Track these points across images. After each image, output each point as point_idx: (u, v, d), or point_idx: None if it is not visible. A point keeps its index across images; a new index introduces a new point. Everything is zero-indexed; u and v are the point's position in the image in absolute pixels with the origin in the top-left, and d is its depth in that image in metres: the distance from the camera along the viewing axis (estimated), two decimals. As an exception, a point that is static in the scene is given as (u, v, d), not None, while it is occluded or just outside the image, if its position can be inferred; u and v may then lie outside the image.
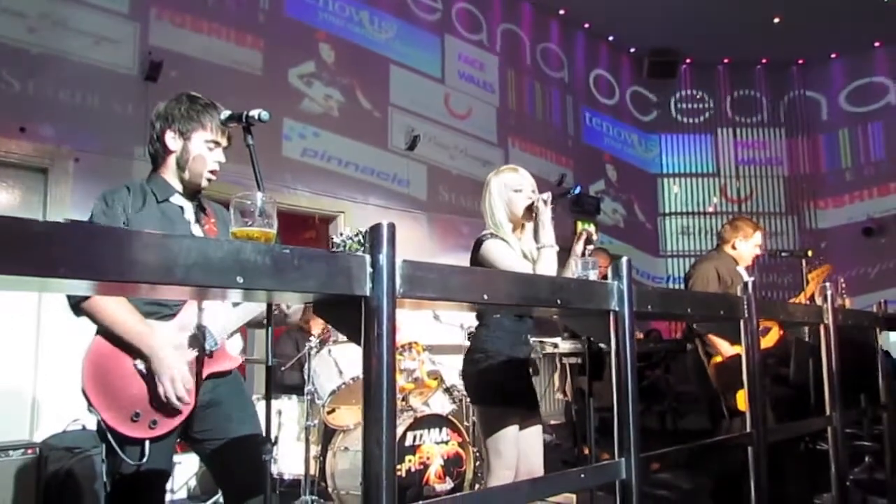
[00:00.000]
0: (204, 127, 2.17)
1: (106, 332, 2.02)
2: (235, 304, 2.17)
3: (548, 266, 2.60)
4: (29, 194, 4.64)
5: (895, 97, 9.85)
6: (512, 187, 2.75)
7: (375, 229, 1.15)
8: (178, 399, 2.00)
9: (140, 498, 2.04)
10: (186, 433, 2.14)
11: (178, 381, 1.99)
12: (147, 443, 1.98)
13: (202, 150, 2.18)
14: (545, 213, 2.64)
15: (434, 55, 7.48)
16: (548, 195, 2.69)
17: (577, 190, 2.70)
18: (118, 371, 2.00)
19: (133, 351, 2.00)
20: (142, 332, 1.99)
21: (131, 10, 5.14)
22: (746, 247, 4.02)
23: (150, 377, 2.00)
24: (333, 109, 6.40)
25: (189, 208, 2.22)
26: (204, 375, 2.10)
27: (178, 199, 2.20)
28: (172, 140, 2.17)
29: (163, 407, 2.01)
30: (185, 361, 2.04)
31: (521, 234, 2.78)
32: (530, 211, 2.69)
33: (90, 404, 1.98)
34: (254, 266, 1.02)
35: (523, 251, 2.75)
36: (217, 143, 2.20)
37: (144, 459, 1.97)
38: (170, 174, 2.21)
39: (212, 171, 2.21)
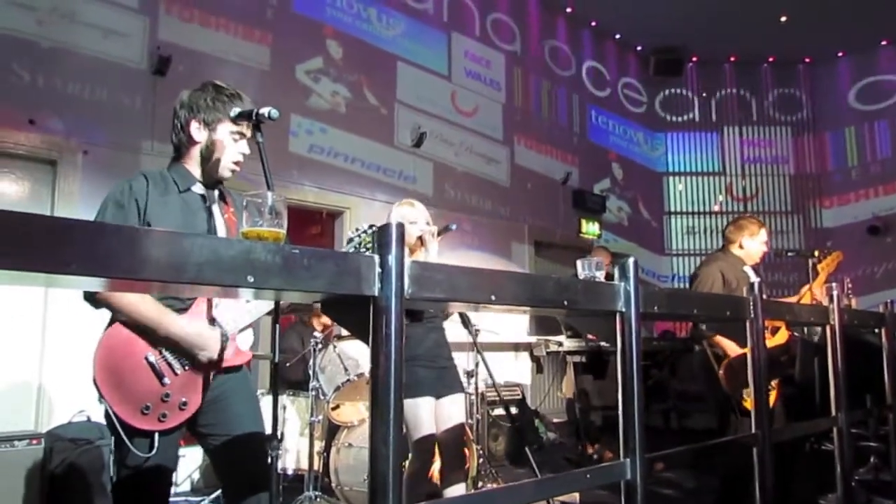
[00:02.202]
0: (230, 118, 2.16)
1: (123, 319, 2.03)
2: (248, 300, 2.18)
3: None
4: (37, 186, 4.66)
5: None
6: (407, 219, 3.15)
7: (384, 230, 1.15)
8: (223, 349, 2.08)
9: (146, 490, 2.05)
10: (192, 426, 2.15)
11: (213, 347, 2.04)
12: (157, 435, 2.00)
13: (227, 140, 2.18)
14: (431, 244, 3.08)
15: (441, 52, 7.47)
16: (435, 229, 3.14)
17: (454, 227, 3.22)
18: (129, 364, 2.02)
19: (151, 336, 2.02)
20: (161, 315, 2.02)
21: (140, 4, 5.14)
22: (754, 244, 4.00)
23: (160, 371, 2.02)
24: (340, 105, 6.40)
25: (210, 197, 2.22)
26: (212, 372, 2.12)
27: (199, 189, 2.20)
28: (197, 130, 2.18)
29: (171, 401, 2.02)
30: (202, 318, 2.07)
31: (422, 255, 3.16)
32: (422, 240, 3.09)
33: (101, 395, 2.00)
34: (264, 265, 1.03)
35: None
36: (242, 135, 2.19)
37: (154, 452, 1.98)
38: (192, 164, 2.21)
39: (236, 163, 2.21)
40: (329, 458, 4.15)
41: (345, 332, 4.20)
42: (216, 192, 2.25)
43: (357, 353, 4.11)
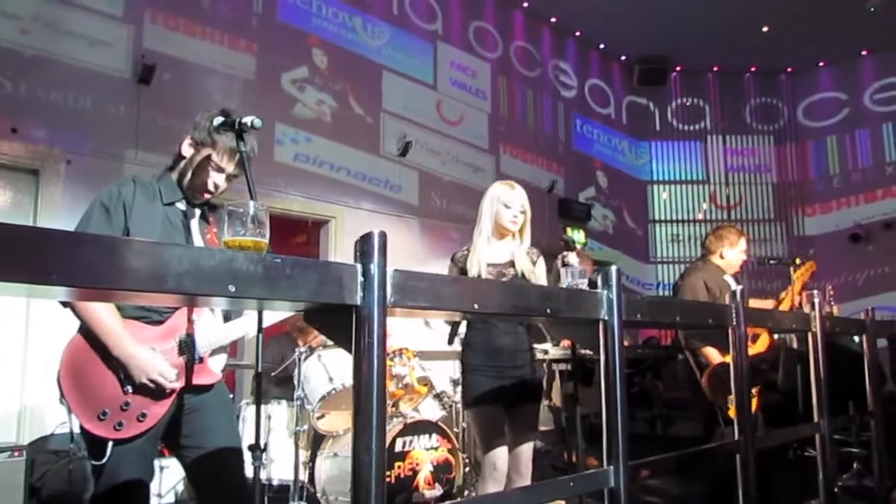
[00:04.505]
0: (215, 147, 2.14)
1: (86, 331, 2.03)
2: (227, 320, 2.16)
3: None
4: (20, 195, 4.62)
5: (885, 105, 9.94)
6: (503, 201, 3.04)
7: (366, 239, 1.15)
8: (169, 383, 2.03)
9: (120, 501, 2.04)
10: (168, 439, 2.14)
11: (163, 373, 2.00)
12: (110, 444, 1.97)
13: (204, 167, 2.16)
14: (525, 235, 3.08)
15: (426, 62, 7.49)
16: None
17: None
18: (94, 367, 2.01)
19: (108, 355, 2.00)
20: (119, 336, 1.99)
21: (125, 13, 5.13)
22: (734, 254, 4.05)
23: (124, 379, 2.01)
24: (326, 114, 6.40)
25: (193, 215, 2.22)
26: (180, 386, 2.10)
27: (182, 205, 2.20)
28: (187, 147, 2.19)
29: (130, 410, 2.01)
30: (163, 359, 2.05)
31: (516, 239, 3.08)
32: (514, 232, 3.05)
33: (62, 395, 2.00)
34: (246, 275, 1.03)
35: (492, 262, 3.00)
36: (221, 169, 2.17)
37: (104, 460, 1.97)
38: (177, 177, 2.22)
39: (207, 191, 2.19)
40: (314, 467, 4.13)
41: (330, 342, 4.18)
42: (198, 211, 2.24)
43: (343, 362, 4.10)
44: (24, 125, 4.56)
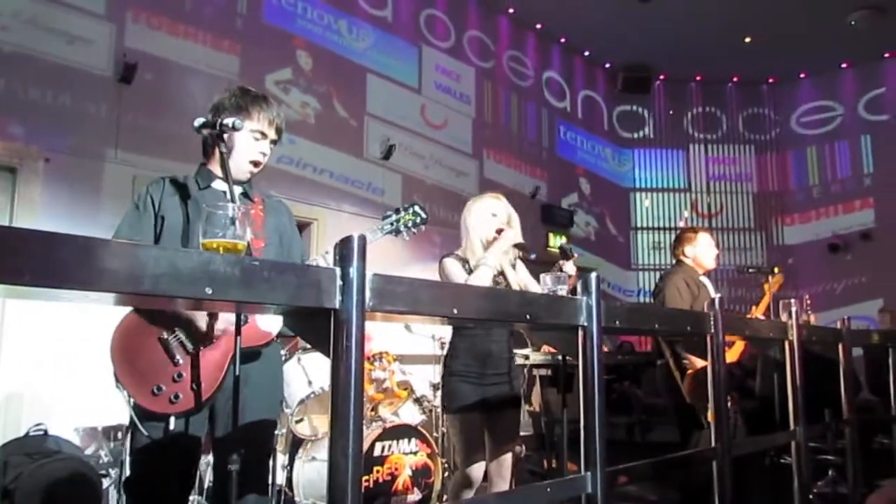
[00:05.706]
0: (251, 117, 2.19)
1: (137, 311, 2.05)
2: None
3: (475, 280, 2.88)
4: (-4, 194, 4.56)
5: (863, 117, 10.08)
6: (489, 211, 3.04)
7: (346, 242, 1.15)
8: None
9: (159, 484, 2.02)
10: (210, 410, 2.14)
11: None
12: (172, 418, 1.99)
13: (248, 140, 2.20)
14: (502, 239, 2.95)
15: (411, 65, 7.50)
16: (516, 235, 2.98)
17: (533, 256, 3.08)
18: (143, 342, 2.03)
19: (155, 325, 2.02)
20: None
21: (107, 10, 5.08)
22: (701, 248, 4.11)
23: (172, 349, 2.02)
24: (310, 117, 6.38)
25: (233, 193, 2.19)
26: (230, 355, 2.07)
27: (220, 185, 2.22)
28: None
29: (183, 381, 2.01)
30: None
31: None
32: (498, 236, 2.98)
33: (117, 379, 2.00)
34: (223, 277, 1.02)
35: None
36: (263, 135, 2.24)
37: (167, 434, 1.98)
38: (215, 164, 2.25)
39: (254, 162, 2.25)
40: (292, 471, 4.10)
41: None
42: (238, 189, 2.22)
43: (322, 365, 4.08)
44: (2, 122, 4.50)
